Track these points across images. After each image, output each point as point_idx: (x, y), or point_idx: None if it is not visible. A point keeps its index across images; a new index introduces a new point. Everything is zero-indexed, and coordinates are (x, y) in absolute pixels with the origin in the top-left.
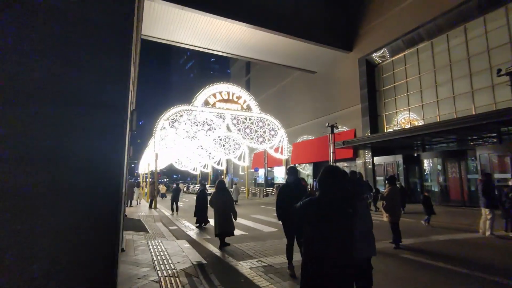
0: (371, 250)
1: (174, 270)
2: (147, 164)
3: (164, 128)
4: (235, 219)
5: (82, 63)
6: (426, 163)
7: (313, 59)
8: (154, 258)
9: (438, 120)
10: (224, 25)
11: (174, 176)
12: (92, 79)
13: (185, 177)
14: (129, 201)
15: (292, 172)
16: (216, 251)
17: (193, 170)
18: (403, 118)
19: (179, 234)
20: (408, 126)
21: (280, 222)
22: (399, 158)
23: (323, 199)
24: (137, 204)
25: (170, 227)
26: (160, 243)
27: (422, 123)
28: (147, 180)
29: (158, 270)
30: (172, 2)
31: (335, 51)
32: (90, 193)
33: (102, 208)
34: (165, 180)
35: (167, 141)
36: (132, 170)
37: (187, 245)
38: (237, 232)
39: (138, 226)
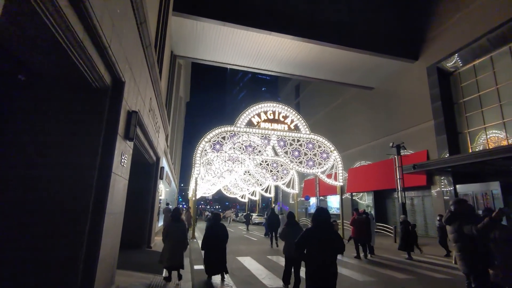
0: None
1: None
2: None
3: (206, 150)
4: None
5: None
6: None
7: (370, 73)
8: None
9: None
10: (268, 39)
11: (226, 203)
12: None
13: (237, 204)
14: None
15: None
16: None
17: (242, 197)
18: (495, 134)
19: (200, 280)
20: (504, 143)
21: None
22: (494, 186)
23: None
24: None
25: (196, 267)
26: None
27: None
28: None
29: None
30: (214, 19)
31: (396, 61)
32: None
33: None
34: (216, 207)
35: (210, 165)
36: (187, 197)
37: None
38: (274, 281)
39: (155, 263)
